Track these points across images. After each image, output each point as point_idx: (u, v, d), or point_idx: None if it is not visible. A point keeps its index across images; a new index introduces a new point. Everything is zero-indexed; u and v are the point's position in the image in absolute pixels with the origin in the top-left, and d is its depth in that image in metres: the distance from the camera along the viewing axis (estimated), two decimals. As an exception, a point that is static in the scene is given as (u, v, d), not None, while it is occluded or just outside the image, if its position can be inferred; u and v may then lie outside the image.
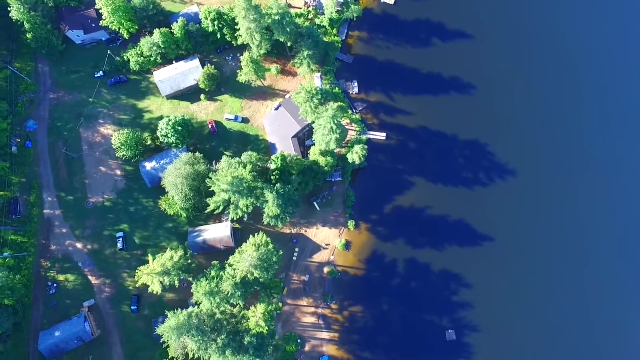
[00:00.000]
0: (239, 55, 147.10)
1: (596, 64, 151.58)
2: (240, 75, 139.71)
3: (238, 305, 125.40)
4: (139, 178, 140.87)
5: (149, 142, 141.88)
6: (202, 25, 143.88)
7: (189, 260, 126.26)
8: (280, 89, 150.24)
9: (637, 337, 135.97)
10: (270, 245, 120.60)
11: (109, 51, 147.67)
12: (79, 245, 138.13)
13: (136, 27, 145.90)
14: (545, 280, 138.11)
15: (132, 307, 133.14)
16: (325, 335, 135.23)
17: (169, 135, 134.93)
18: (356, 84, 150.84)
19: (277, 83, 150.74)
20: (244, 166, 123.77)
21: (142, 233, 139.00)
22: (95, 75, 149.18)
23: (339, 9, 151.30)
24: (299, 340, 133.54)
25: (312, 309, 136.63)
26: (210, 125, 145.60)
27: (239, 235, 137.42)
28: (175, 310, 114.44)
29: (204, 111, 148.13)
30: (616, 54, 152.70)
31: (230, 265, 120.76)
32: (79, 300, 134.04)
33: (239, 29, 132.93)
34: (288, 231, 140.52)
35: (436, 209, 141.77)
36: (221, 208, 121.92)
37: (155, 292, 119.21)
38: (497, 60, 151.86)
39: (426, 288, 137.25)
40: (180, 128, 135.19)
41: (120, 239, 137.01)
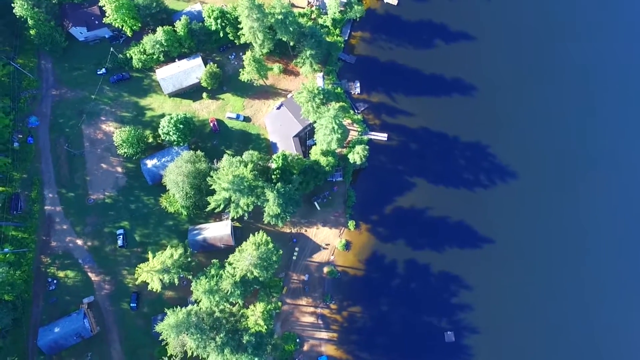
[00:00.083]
0: (241, 54, 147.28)
1: (599, 66, 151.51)
2: (243, 74, 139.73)
3: (237, 304, 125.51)
4: (140, 175, 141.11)
5: (151, 140, 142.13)
6: (205, 24, 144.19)
7: (189, 259, 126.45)
8: (283, 88, 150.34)
9: (638, 340, 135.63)
10: (271, 245, 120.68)
11: (112, 48, 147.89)
12: (79, 242, 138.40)
13: (139, 25, 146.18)
14: (545, 282, 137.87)
15: (132, 305, 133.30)
16: (324, 335, 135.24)
17: (171, 133, 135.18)
18: (358, 85, 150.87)
19: (280, 82, 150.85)
20: (245, 165, 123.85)
21: (143, 231, 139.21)
22: (98, 73, 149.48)
23: (342, 9, 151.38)
24: (297, 340, 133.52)
25: (312, 309, 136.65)
26: (212, 124, 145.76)
27: (239, 234, 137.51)
28: (175, 308, 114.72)
29: (205, 109, 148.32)
30: (618, 56, 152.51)
31: (230, 264, 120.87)
32: (79, 297, 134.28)
33: (242, 28, 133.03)
34: (288, 231, 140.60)
35: (437, 210, 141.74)
36: (222, 207, 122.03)
37: (155, 290, 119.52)
38: (499, 62, 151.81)
39: (426, 289, 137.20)
40: (182, 126, 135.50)
41: (121, 236, 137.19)
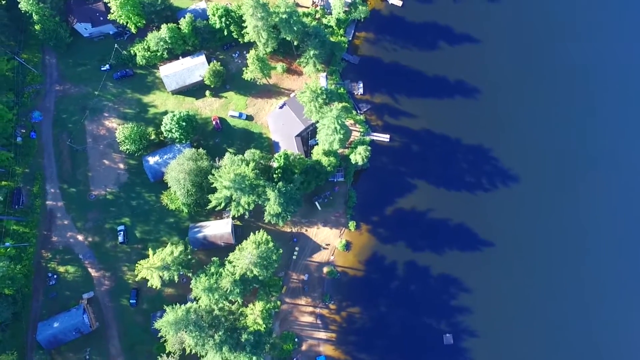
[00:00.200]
0: (245, 52, 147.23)
1: (601, 69, 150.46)
2: (246, 72, 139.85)
3: (237, 303, 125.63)
4: (141, 172, 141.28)
5: (153, 137, 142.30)
6: (210, 22, 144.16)
7: (189, 256, 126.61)
8: (286, 87, 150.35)
9: (639, 343, 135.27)
10: (271, 244, 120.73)
11: (116, 45, 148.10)
12: (80, 237, 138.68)
13: (144, 22, 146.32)
14: (545, 286, 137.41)
15: (131, 301, 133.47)
16: (322, 335, 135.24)
17: (173, 130, 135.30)
18: (361, 85, 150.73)
19: (283, 82, 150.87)
20: (247, 164, 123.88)
21: (143, 227, 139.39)
22: (102, 69, 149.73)
23: (347, 9, 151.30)
24: (296, 339, 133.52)
25: (311, 309, 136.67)
26: (214, 122, 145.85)
27: (240, 233, 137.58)
28: (174, 306, 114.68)
29: (208, 107, 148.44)
30: (620, 59, 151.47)
31: (230, 262, 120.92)
32: (79, 292, 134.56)
33: (246, 27, 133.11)
34: (289, 230, 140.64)
35: (438, 212, 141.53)
36: (223, 205, 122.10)
37: (154, 287, 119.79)
38: (503, 65, 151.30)
39: (425, 291, 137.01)
40: (184, 124, 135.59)
41: (122, 233, 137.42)
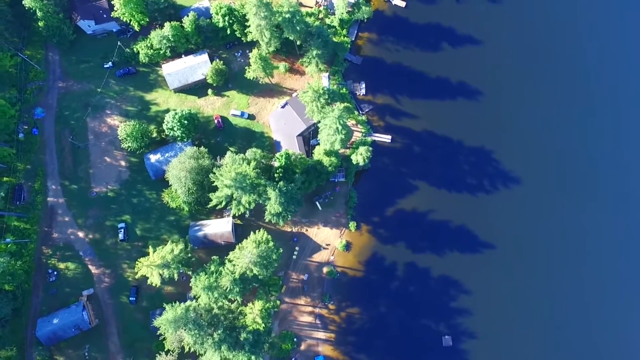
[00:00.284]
0: (248, 52, 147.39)
1: (606, 74, 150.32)
2: (249, 72, 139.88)
3: (236, 301, 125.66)
4: (143, 170, 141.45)
5: (155, 135, 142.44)
6: (213, 21, 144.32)
7: (189, 254, 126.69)
8: (288, 87, 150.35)
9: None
10: (271, 243, 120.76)
11: (119, 42, 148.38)
12: (80, 234, 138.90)
13: (147, 20, 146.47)
14: (545, 288, 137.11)
15: (131, 298, 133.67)
16: (321, 335, 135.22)
17: (175, 128, 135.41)
18: (364, 86, 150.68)
19: (285, 81, 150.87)
20: (248, 163, 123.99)
21: (144, 225, 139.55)
22: (105, 66, 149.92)
23: (350, 9, 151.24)
24: (295, 339, 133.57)
25: (310, 309, 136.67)
26: (216, 121, 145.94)
27: (240, 232, 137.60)
28: (174, 304, 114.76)
29: (210, 106, 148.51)
30: (624, 61, 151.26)
31: (230, 261, 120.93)
32: (79, 289, 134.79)
33: (249, 26, 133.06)
34: (289, 230, 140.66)
35: (438, 214, 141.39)
36: (223, 203, 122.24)
37: (154, 285, 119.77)
38: (506, 67, 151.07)
39: (425, 293, 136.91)
40: (186, 122, 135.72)
41: (122, 230, 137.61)
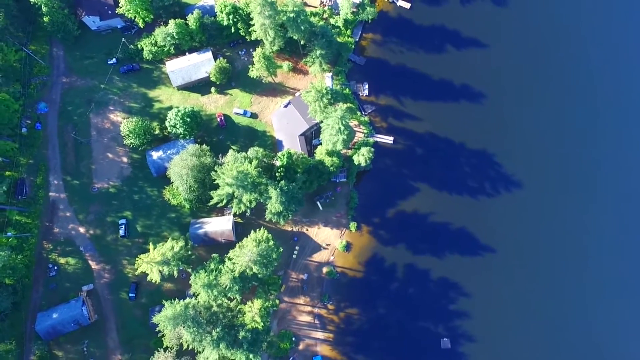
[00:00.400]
0: (251, 50, 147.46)
1: (609, 77, 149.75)
2: (252, 70, 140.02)
3: (235, 300, 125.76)
4: (145, 167, 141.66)
5: (157, 132, 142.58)
6: (217, 19, 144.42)
7: (190, 252, 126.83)
8: (291, 86, 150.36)
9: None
10: (271, 242, 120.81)
11: (123, 39, 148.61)
12: (81, 229, 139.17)
13: (152, 17, 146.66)
14: (546, 293, 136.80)
15: (130, 295, 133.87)
16: (320, 335, 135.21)
17: (178, 126, 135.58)
18: (367, 86, 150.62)
19: (288, 81, 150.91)
20: (250, 161, 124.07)
21: (145, 221, 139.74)
22: (109, 62, 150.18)
23: (355, 10, 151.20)
24: (293, 339, 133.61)
25: (309, 308, 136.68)
26: (219, 119, 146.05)
27: (241, 230, 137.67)
28: (173, 301, 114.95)
29: (213, 104, 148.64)
30: (627, 65, 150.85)
31: (230, 259, 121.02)
32: (79, 284, 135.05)
33: (254, 25, 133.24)
34: (289, 229, 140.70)
35: (439, 216, 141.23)
36: (224, 202, 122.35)
37: (154, 281, 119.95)
38: (510, 71, 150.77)
39: (424, 295, 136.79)
40: (189, 119, 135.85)
41: (123, 226, 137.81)
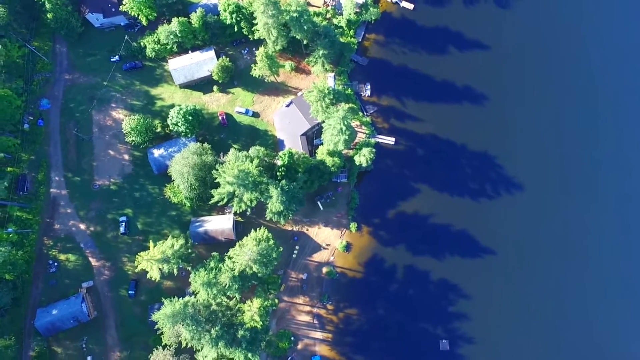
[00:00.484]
0: (254, 49, 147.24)
1: (611, 79, 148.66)
2: (255, 69, 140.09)
3: (234, 298, 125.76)
4: (146, 164, 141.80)
5: (159, 130, 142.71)
6: (221, 17, 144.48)
7: (190, 250, 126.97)
8: (293, 86, 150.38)
9: None
10: (271, 241, 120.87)
11: (126, 36, 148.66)
12: (82, 226, 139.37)
13: (155, 15, 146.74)
14: (546, 295, 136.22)
15: (130, 292, 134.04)
16: (319, 335, 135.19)
17: (179, 124, 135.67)
18: (369, 87, 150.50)
19: (291, 80, 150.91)
20: (251, 160, 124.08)
21: (145, 219, 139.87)
22: (111, 60, 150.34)
23: (358, 10, 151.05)
24: (292, 338, 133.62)
25: (308, 308, 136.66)
26: (220, 117, 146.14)
27: (241, 229, 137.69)
28: (172, 299, 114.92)
29: (215, 103, 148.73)
30: (631, 68, 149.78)
31: (230, 257, 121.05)
32: (78, 281, 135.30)
33: (257, 24, 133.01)
34: (290, 228, 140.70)
35: (440, 217, 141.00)
36: (225, 200, 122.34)
37: (153, 279, 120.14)
38: (512, 72, 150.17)
39: (423, 296, 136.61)
40: (190, 118, 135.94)
41: (123, 224, 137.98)
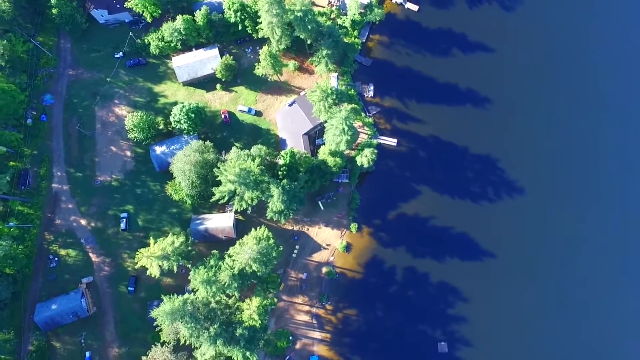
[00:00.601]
0: (258, 48, 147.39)
1: (616, 84, 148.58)
2: (258, 68, 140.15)
3: (234, 297, 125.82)
4: (148, 161, 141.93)
5: (162, 127, 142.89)
6: (225, 16, 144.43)
7: (190, 247, 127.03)
8: (296, 85, 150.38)
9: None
10: (271, 240, 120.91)
11: (130, 33, 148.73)
12: (83, 222, 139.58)
13: (160, 12, 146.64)
14: (545, 299, 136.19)
15: (129, 288, 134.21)
16: (317, 335, 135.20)
17: (182, 121, 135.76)
18: (372, 88, 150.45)
19: (294, 79, 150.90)
20: (253, 159, 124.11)
21: (146, 216, 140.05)
22: (115, 56, 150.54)
23: (362, 11, 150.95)
24: (290, 337, 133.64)
25: (307, 308, 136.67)
26: (223, 115, 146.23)
27: (241, 227, 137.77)
28: (171, 296, 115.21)
29: (218, 101, 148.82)
30: (637, 73, 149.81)
31: (229, 256, 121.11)
32: (78, 276, 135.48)
33: (261, 23, 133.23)
34: (290, 228, 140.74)
35: (440, 220, 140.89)
36: (226, 198, 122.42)
37: (153, 276, 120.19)
38: (516, 76, 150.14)
39: (422, 298, 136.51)
40: (193, 115, 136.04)
41: (124, 220, 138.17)
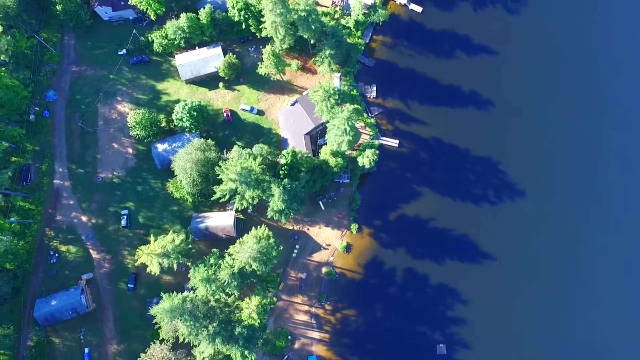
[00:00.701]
0: (261, 47, 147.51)
1: (619, 88, 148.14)
2: (261, 67, 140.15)
3: (233, 295, 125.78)
4: (149, 159, 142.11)
5: (164, 124, 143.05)
6: (229, 14, 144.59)
7: (190, 245, 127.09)
8: (299, 85, 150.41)
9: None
10: (272, 240, 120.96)
11: (134, 30, 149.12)
12: (84, 218, 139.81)
13: (163, 10, 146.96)
14: (545, 302, 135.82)
15: (129, 285, 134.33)
16: (316, 335, 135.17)
17: (184, 119, 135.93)
18: (375, 89, 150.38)
19: (296, 79, 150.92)
20: (254, 158, 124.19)
21: (147, 213, 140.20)
22: (119, 53, 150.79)
23: (366, 11, 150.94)
24: (289, 337, 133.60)
25: (306, 308, 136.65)
26: (225, 114, 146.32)
27: (242, 226, 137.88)
28: (171, 293, 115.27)
29: (220, 99, 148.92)
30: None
31: (230, 254, 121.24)
32: (78, 273, 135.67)
33: (265, 22, 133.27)
34: (290, 227, 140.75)
35: (441, 221, 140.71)
36: (227, 197, 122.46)
37: (153, 273, 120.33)
38: (519, 79, 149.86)
39: (422, 299, 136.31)
40: (195, 113, 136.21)
41: (125, 217, 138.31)
